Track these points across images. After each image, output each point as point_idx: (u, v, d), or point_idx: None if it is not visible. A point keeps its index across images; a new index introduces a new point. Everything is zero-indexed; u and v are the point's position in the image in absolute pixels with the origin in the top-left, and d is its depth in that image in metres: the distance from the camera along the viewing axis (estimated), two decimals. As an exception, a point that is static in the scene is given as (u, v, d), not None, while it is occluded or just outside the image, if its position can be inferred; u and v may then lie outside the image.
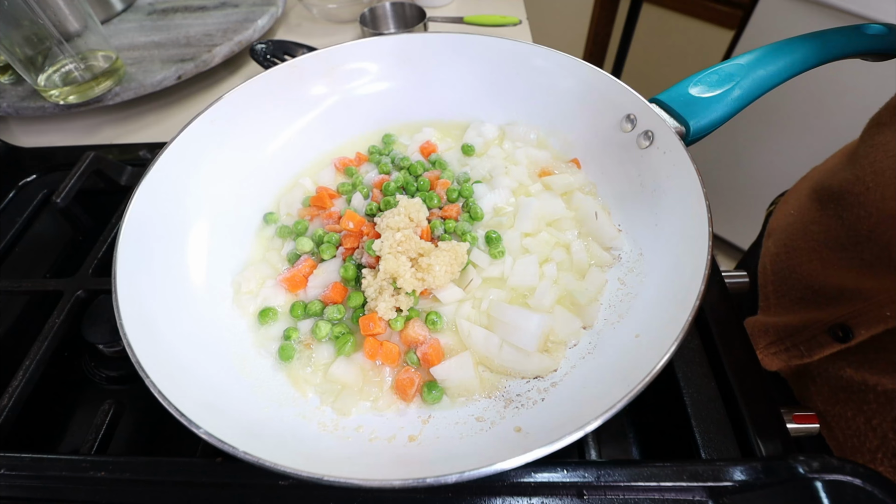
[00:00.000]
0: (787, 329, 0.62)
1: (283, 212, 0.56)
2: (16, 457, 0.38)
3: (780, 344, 0.62)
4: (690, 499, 0.37)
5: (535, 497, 0.38)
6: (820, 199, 0.65)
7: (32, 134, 0.83)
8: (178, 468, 0.38)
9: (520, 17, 0.99)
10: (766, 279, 0.72)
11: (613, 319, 0.45)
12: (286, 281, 0.49)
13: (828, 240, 0.61)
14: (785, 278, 0.67)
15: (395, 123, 0.64)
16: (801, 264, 0.64)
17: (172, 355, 0.39)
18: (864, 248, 0.55)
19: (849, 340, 0.53)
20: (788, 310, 0.65)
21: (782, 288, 0.68)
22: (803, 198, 0.71)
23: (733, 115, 0.51)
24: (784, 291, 0.67)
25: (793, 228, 0.69)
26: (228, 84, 0.91)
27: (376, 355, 0.44)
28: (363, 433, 0.40)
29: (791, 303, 0.65)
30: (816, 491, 0.34)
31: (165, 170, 0.48)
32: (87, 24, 0.74)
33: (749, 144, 1.58)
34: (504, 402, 0.42)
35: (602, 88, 0.55)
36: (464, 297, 0.47)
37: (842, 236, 0.58)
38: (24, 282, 0.55)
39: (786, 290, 0.67)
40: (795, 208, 0.72)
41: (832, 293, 0.58)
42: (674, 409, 0.44)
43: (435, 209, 0.55)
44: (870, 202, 0.54)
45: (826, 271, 0.60)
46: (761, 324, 0.67)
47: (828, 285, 0.59)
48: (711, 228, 0.41)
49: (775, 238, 0.74)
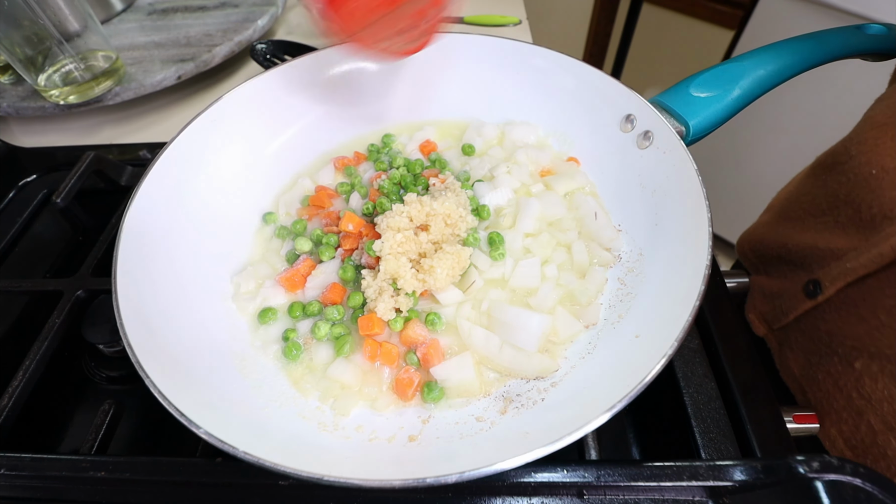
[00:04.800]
0: (770, 294, 0.65)
1: (283, 211, 0.56)
2: (16, 457, 0.38)
3: (766, 305, 0.65)
4: (690, 499, 0.37)
5: (535, 497, 0.38)
6: (815, 173, 0.67)
7: (32, 134, 0.83)
8: (178, 468, 0.38)
9: (520, 17, 0.99)
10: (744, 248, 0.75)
11: (613, 319, 0.45)
12: (285, 280, 0.49)
13: (812, 207, 0.63)
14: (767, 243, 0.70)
15: (395, 123, 0.64)
16: (787, 230, 0.67)
17: (172, 355, 0.39)
18: (840, 210, 0.57)
19: (818, 295, 0.56)
20: (769, 270, 0.69)
21: (760, 248, 0.71)
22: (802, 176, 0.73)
23: (733, 115, 0.51)
24: (761, 251, 0.71)
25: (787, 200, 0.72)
26: (228, 84, 0.91)
27: (375, 356, 0.44)
28: (363, 433, 0.40)
29: (770, 262, 0.68)
30: (816, 491, 0.34)
31: (165, 170, 0.48)
32: (87, 24, 0.74)
33: (748, 143, 1.58)
34: (504, 403, 0.42)
35: (602, 88, 0.55)
36: (464, 299, 0.47)
37: (822, 202, 0.61)
38: (24, 282, 0.55)
39: (763, 249, 0.70)
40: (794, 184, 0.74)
41: (807, 252, 0.61)
42: (674, 409, 0.44)
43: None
44: (849, 168, 0.56)
45: (804, 234, 0.62)
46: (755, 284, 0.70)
47: (803, 245, 0.62)
48: (711, 228, 0.41)
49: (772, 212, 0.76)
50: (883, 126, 0.53)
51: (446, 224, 0.49)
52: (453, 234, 0.49)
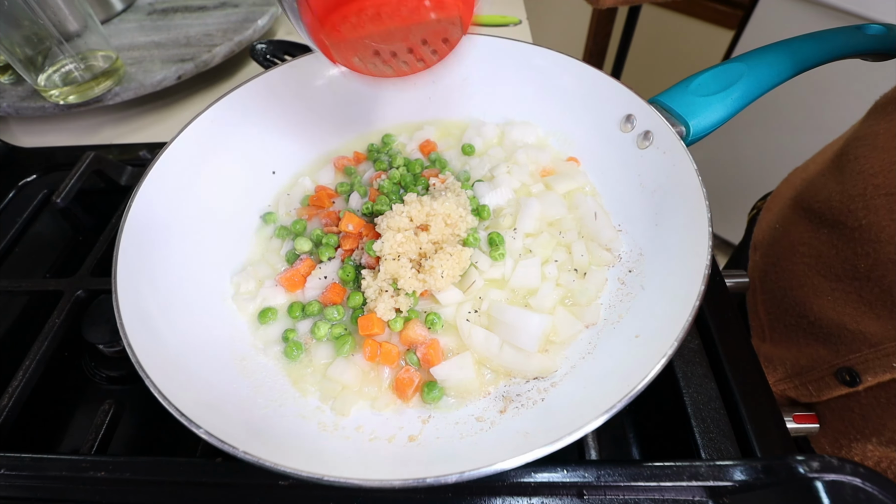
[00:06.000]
0: (794, 367, 0.61)
1: (283, 211, 0.56)
2: (16, 457, 0.38)
3: (789, 382, 0.62)
4: (690, 499, 0.37)
5: (535, 497, 0.38)
6: (808, 217, 0.64)
7: (32, 134, 0.83)
8: (178, 468, 0.38)
9: (520, 17, 0.99)
10: (756, 297, 0.71)
11: (613, 319, 0.45)
12: (284, 280, 0.49)
13: (820, 266, 0.60)
14: (777, 301, 0.66)
15: (395, 123, 0.64)
16: (793, 288, 0.63)
17: (172, 355, 0.39)
18: (864, 286, 0.54)
19: (856, 385, 0.53)
20: (786, 339, 0.64)
21: (775, 311, 0.67)
22: (787, 209, 0.70)
23: (733, 116, 0.51)
24: (777, 315, 0.66)
25: (780, 245, 0.68)
26: (228, 84, 0.91)
27: (375, 356, 0.44)
28: (363, 433, 0.40)
29: (786, 329, 0.64)
30: (816, 491, 0.34)
31: (165, 170, 0.48)
32: (87, 24, 0.74)
33: (746, 142, 1.58)
34: (504, 403, 0.42)
35: (602, 89, 0.55)
36: (464, 299, 0.47)
37: (836, 266, 0.58)
38: (24, 282, 0.55)
39: (778, 313, 0.66)
40: (780, 220, 0.71)
41: (832, 329, 0.57)
42: (674, 409, 0.44)
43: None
44: (866, 241, 0.54)
45: (820, 301, 0.59)
46: (765, 355, 0.66)
47: (824, 318, 0.58)
48: (711, 228, 0.41)
49: (762, 252, 0.73)
50: (893, 195, 0.51)
51: (446, 224, 0.49)
52: (453, 234, 0.49)
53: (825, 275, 0.59)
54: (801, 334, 0.62)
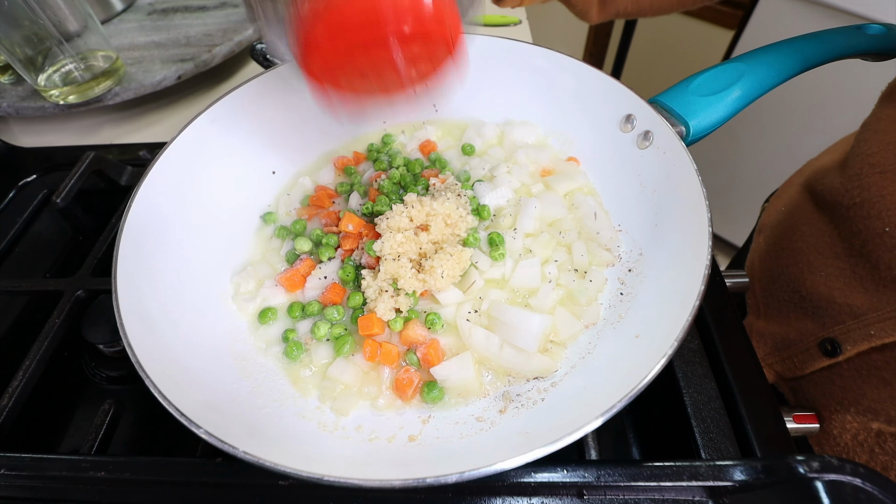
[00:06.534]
0: (783, 341, 0.63)
1: (283, 211, 0.56)
2: (16, 457, 0.38)
3: (777, 355, 0.63)
4: (690, 499, 0.37)
5: (535, 497, 0.38)
6: (814, 199, 0.65)
7: (32, 134, 0.83)
8: (178, 468, 0.38)
9: (520, 17, 0.99)
10: (754, 277, 0.72)
11: (613, 319, 0.45)
12: (284, 280, 0.49)
13: (819, 245, 0.61)
14: (773, 278, 0.68)
15: (395, 123, 0.64)
16: (790, 266, 0.65)
17: (172, 355, 0.39)
18: (858, 262, 0.55)
19: (837, 355, 0.54)
20: (778, 314, 0.65)
21: (770, 287, 0.68)
22: (795, 193, 0.71)
23: (733, 116, 0.51)
24: (772, 291, 0.67)
25: (784, 226, 0.69)
26: (228, 84, 0.91)
27: (375, 356, 0.44)
28: (363, 433, 0.40)
29: (780, 305, 0.65)
30: (816, 491, 0.34)
31: (165, 170, 0.48)
32: (87, 24, 0.74)
33: (746, 142, 1.58)
34: (504, 402, 0.42)
35: (602, 89, 0.55)
36: (464, 299, 0.47)
37: (835, 245, 0.59)
38: (24, 282, 0.55)
39: (773, 290, 0.67)
40: (787, 204, 0.72)
41: (821, 302, 0.59)
42: (674, 409, 0.44)
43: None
44: (857, 217, 0.55)
45: (814, 278, 0.60)
46: (757, 331, 0.67)
47: (815, 293, 0.59)
48: (711, 228, 0.41)
49: (766, 235, 0.74)
50: (885, 174, 0.52)
51: (446, 224, 0.49)
52: (453, 234, 0.49)
53: (822, 252, 0.60)
54: (791, 309, 0.63)
